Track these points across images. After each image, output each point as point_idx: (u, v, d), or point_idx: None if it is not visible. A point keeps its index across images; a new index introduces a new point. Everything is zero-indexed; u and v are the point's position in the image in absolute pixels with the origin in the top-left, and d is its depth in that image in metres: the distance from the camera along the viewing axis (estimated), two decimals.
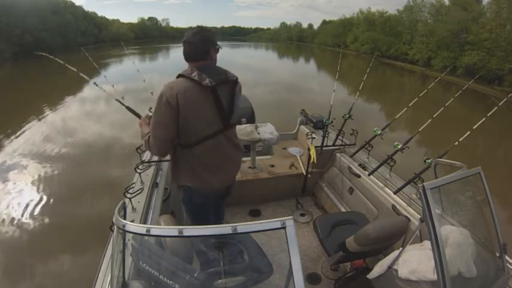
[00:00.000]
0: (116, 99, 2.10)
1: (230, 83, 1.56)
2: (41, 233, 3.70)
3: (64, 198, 4.39)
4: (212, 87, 1.44)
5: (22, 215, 3.97)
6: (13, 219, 3.89)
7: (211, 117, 1.51)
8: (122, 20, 62.66)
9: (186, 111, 1.42)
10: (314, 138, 2.75)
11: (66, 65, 2.20)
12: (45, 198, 4.37)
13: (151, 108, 1.79)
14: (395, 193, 2.16)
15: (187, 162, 1.55)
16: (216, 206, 1.86)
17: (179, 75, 1.48)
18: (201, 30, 1.51)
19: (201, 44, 1.49)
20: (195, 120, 1.47)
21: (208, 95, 1.47)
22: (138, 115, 1.95)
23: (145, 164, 2.30)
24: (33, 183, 4.82)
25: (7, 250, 3.43)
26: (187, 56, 1.52)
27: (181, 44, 1.53)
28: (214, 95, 1.48)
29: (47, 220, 3.90)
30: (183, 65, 1.58)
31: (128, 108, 2.08)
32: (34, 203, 4.24)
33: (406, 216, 1.78)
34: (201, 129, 1.49)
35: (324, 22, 56.77)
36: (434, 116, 2.35)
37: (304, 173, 2.83)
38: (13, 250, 3.43)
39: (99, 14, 49.65)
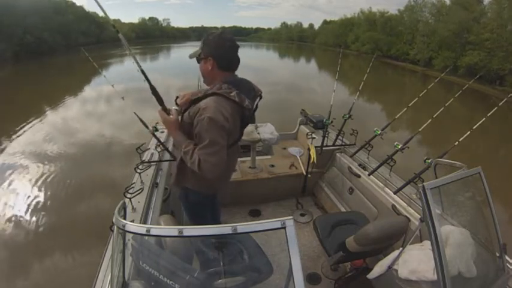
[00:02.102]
0: (147, 81, 1.55)
1: (256, 98, 1.53)
2: (40, 231, 3.71)
3: (64, 198, 4.40)
4: (251, 109, 1.41)
5: (22, 214, 3.98)
6: (13, 218, 3.90)
7: (236, 132, 1.51)
8: (122, 20, 63.02)
9: (231, 132, 1.40)
10: (314, 138, 2.75)
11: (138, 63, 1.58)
12: (45, 197, 4.39)
13: (178, 97, 1.58)
14: (395, 193, 2.15)
15: None
16: (213, 204, 1.88)
17: (214, 93, 1.35)
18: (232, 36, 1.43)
19: (237, 51, 1.43)
20: (231, 138, 1.44)
21: (243, 113, 1.44)
22: (161, 102, 1.53)
23: (145, 164, 2.30)
24: (33, 183, 4.83)
25: (7, 249, 3.44)
26: (230, 64, 1.43)
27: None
28: (248, 116, 1.46)
29: (47, 219, 3.91)
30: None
31: (157, 97, 1.54)
32: (34, 202, 4.25)
33: (406, 216, 1.77)
34: (229, 144, 1.46)
35: (325, 22, 56.91)
36: (434, 116, 2.34)
37: (304, 173, 2.83)
38: (13, 249, 3.44)
39: (100, 14, 49.77)
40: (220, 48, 1.38)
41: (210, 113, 1.29)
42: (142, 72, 1.57)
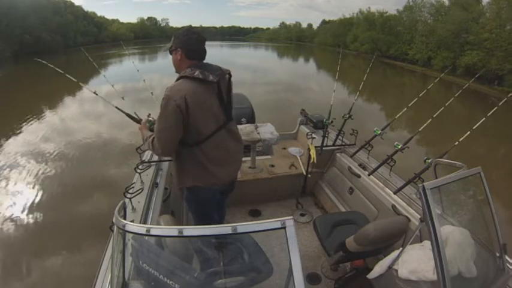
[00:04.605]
0: (116, 107, 2.01)
1: (226, 77, 1.62)
2: (39, 231, 3.71)
3: (63, 197, 4.39)
4: (217, 82, 1.51)
5: (21, 214, 3.97)
6: (12, 218, 3.90)
7: (217, 113, 1.57)
8: (121, 20, 62.99)
9: (195, 111, 1.45)
10: (314, 138, 2.75)
11: (67, 75, 2.13)
12: (44, 197, 4.38)
13: (150, 114, 1.81)
14: (395, 193, 2.15)
15: (196, 160, 1.57)
16: (219, 204, 1.88)
17: (180, 77, 1.50)
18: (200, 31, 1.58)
19: (204, 43, 1.56)
20: (204, 117, 1.51)
21: (213, 91, 1.53)
22: (137, 121, 1.90)
23: (145, 164, 2.30)
24: (32, 182, 4.82)
25: (7, 248, 3.43)
26: (196, 54, 1.53)
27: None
28: (218, 90, 1.55)
29: (46, 218, 3.91)
30: None
31: (127, 115, 2.01)
32: (33, 202, 4.25)
33: (406, 216, 1.78)
34: (209, 125, 1.54)
35: (324, 22, 56.81)
36: (434, 116, 2.35)
37: (304, 173, 2.82)
38: (12, 248, 3.44)
39: (98, 14, 49.86)
40: (188, 40, 1.52)
41: (167, 91, 1.44)
42: (118, 108, 1.99)
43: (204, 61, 1.58)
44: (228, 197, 1.93)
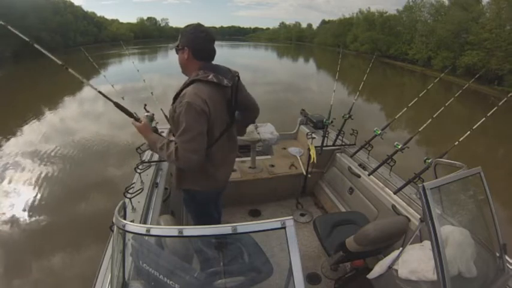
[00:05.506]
0: (99, 91, 1.64)
1: (235, 80, 1.57)
2: (38, 231, 3.70)
3: (62, 197, 4.39)
4: (231, 86, 1.47)
5: (21, 214, 3.97)
6: (13, 218, 3.90)
7: (225, 117, 1.53)
8: (121, 20, 63.10)
9: (213, 116, 1.41)
10: (314, 138, 2.75)
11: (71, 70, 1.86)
12: (43, 196, 4.38)
13: (146, 105, 1.71)
14: (395, 193, 2.15)
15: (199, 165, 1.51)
16: (216, 201, 1.88)
17: (193, 80, 1.41)
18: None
19: (212, 43, 1.49)
20: (216, 122, 1.46)
21: (225, 95, 1.48)
22: (131, 115, 1.61)
23: (145, 164, 2.30)
24: (31, 182, 4.82)
25: (7, 248, 3.43)
26: (204, 54, 1.46)
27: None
28: (230, 94, 1.50)
29: (45, 218, 3.90)
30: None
31: (116, 104, 1.59)
32: (33, 201, 4.24)
33: (406, 216, 1.78)
34: (217, 130, 1.49)
35: (324, 22, 56.86)
36: (434, 116, 2.34)
37: (304, 173, 2.82)
38: (12, 248, 3.43)
39: (98, 14, 49.97)
40: (195, 39, 1.43)
41: (187, 98, 1.34)
42: (101, 93, 1.65)
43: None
44: (222, 194, 1.91)
